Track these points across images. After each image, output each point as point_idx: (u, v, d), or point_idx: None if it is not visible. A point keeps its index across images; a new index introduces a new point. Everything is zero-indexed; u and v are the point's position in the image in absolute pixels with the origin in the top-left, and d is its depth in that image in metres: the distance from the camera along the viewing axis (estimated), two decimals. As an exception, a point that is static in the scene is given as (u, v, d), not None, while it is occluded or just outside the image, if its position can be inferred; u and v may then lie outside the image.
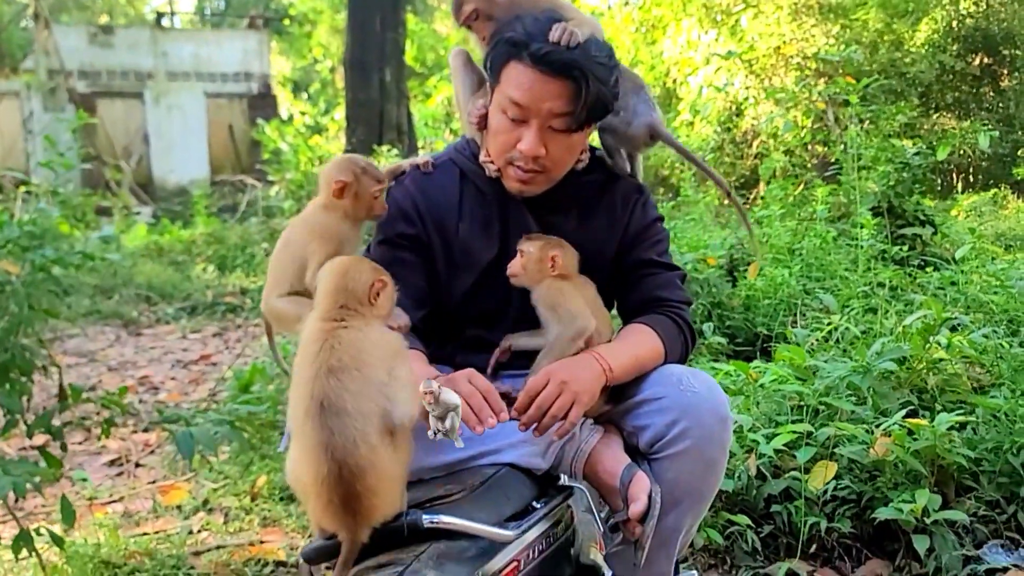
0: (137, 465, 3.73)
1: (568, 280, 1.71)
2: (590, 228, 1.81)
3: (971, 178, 10.39)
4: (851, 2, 10.12)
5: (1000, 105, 10.66)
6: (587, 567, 1.59)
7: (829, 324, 3.27)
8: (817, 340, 3.24)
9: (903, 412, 2.51)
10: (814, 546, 2.49)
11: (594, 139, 1.87)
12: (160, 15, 20.65)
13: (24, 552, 2.13)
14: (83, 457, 3.88)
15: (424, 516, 1.26)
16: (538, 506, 1.48)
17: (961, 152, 8.62)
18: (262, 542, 2.83)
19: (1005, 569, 2.35)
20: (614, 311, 1.90)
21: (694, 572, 1.90)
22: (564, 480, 1.62)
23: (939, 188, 9.23)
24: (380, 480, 1.22)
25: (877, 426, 2.53)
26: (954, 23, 10.48)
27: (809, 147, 7.73)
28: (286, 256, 1.72)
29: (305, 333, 1.36)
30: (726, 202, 7.37)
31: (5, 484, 1.90)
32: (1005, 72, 10.77)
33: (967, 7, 10.50)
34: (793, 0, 9.85)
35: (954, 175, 10.39)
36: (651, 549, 1.54)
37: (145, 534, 2.89)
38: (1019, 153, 9.73)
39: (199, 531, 2.96)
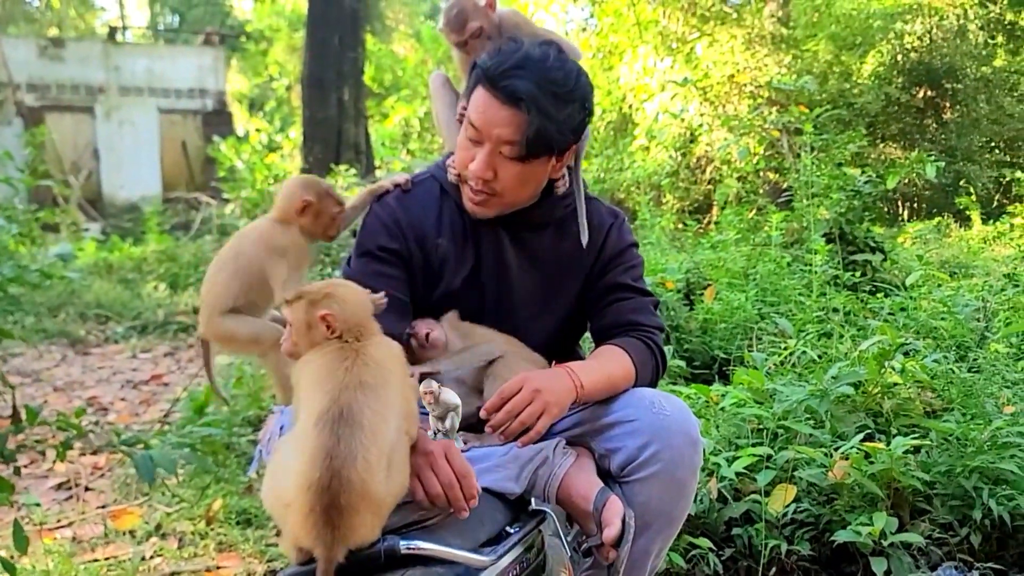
0: (87, 489, 3.62)
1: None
2: (564, 248, 1.83)
3: (916, 206, 10.71)
4: (802, 33, 10.41)
5: (942, 136, 11.03)
6: (557, 591, 1.58)
7: (786, 348, 3.33)
8: (775, 364, 3.30)
9: (860, 436, 2.56)
10: (774, 569, 2.52)
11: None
12: (113, 29, 20.29)
13: (-29, 580, 2.06)
14: (29, 480, 3.74)
15: (401, 542, 1.25)
16: (512, 531, 1.48)
17: (907, 181, 8.89)
18: (218, 567, 2.76)
19: (958, 591, 2.41)
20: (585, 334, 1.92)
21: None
22: (535, 504, 1.62)
23: (887, 216, 9.50)
24: (365, 500, 1.21)
25: (835, 449, 2.58)
26: (899, 56, 10.84)
27: (761, 173, 7.90)
28: (230, 271, 1.71)
29: (326, 350, 1.35)
30: (681, 225, 7.50)
31: (-45, 510, 1.83)
32: (947, 105, 11.16)
33: (911, 42, 10.87)
34: (746, 30, 10.11)
35: (900, 203, 10.71)
36: (622, 573, 1.54)
37: (96, 560, 2.80)
38: (960, 183, 10.07)
39: (152, 557, 2.87)
